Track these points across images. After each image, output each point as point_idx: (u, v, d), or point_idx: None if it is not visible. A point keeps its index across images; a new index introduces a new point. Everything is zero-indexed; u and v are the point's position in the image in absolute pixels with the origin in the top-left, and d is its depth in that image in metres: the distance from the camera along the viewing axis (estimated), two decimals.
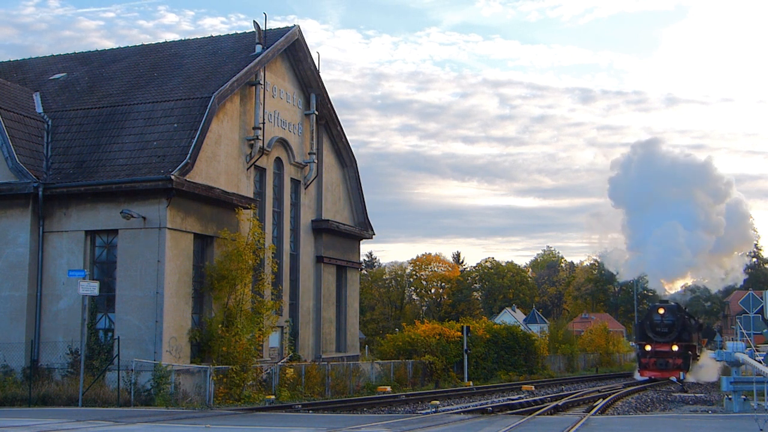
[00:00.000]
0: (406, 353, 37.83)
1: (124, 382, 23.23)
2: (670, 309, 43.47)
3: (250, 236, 27.79)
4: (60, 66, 35.00)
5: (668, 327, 42.57)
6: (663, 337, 42.39)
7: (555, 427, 17.34)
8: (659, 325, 42.78)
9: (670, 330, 42.52)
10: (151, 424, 17.61)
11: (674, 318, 42.87)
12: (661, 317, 43.01)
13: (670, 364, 41.50)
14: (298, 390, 27.69)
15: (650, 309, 45.02)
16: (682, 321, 43.27)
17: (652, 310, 44.21)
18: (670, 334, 42.42)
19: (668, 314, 43.03)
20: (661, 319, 42.91)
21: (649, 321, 43.34)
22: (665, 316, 42.89)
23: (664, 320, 42.76)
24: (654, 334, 42.68)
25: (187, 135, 26.41)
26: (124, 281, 25.30)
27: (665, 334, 42.49)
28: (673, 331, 42.44)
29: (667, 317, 42.84)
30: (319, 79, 35.21)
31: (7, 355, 25.42)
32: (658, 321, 42.97)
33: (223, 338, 25.88)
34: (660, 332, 42.68)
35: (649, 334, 42.74)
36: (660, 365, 41.74)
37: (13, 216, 26.44)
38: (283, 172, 33.38)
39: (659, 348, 42.04)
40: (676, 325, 42.54)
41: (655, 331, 42.79)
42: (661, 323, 42.77)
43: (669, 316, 42.95)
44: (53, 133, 28.80)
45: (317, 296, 35.16)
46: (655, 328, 42.87)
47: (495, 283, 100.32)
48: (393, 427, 17.07)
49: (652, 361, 41.95)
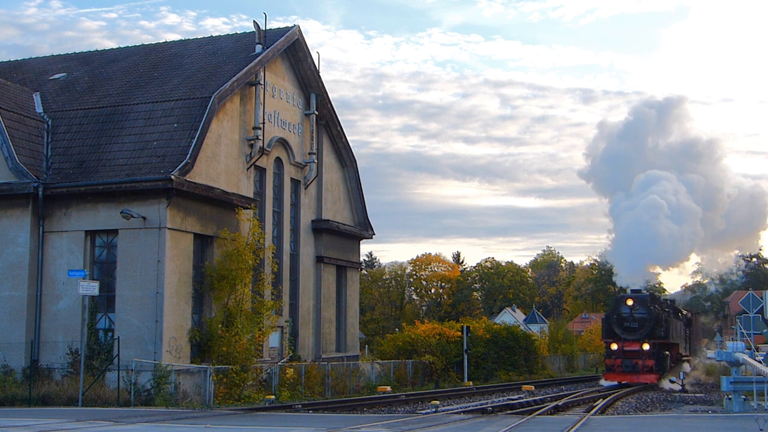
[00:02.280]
0: (406, 353, 37.83)
1: (124, 382, 23.23)
2: (642, 300, 36.38)
3: (250, 236, 27.80)
4: (60, 66, 34.99)
5: (639, 322, 35.72)
6: (632, 333, 35.64)
7: (555, 427, 17.34)
8: (627, 319, 35.94)
9: (641, 325, 35.71)
10: (151, 424, 17.62)
11: (646, 311, 35.94)
12: (630, 309, 36.09)
13: (639, 366, 34.96)
14: (298, 390, 27.68)
15: (618, 300, 37.97)
16: (657, 314, 36.39)
17: (620, 301, 37.16)
18: (640, 330, 35.70)
19: (639, 306, 36.00)
20: (630, 312, 36.05)
21: (616, 314, 36.50)
22: (635, 309, 35.95)
23: (633, 313, 35.91)
24: (622, 330, 35.91)
25: (187, 135, 26.41)
26: (124, 281, 25.30)
27: (635, 330, 35.71)
28: (645, 326, 35.67)
29: (638, 310, 35.91)
30: (319, 79, 35.21)
31: (7, 355, 25.42)
32: (626, 314, 36.11)
33: (223, 338, 25.89)
34: (628, 328, 35.84)
35: (617, 330, 36.07)
36: (627, 368, 35.11)
37: (13, 216, 26.44)
38: (283, 172, 33.38)
39: (627, 347, 35.46)
40: (648, 319, 35.71)
41: (623, 326, 35.96)
42: (630, 317, 35.94)
43: (640, 308, 35.94)
44: (53, 133, 28.79)
45: (317, 296, 35.16)
46: (623, 322, 36.01)
47: (495, 283, 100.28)
48: (393, 427, 17.07)
49: (617, 362, 35.46)
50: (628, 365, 35.06)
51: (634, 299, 36.18)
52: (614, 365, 35.46)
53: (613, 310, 37.12)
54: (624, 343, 35.54)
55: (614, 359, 35.57)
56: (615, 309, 36.93)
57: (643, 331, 35.59)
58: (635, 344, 35.36)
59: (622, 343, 35.53)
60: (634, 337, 35.47)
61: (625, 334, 35.68)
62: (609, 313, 37.66)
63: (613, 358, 35.65)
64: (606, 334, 37.11)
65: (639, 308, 35.96)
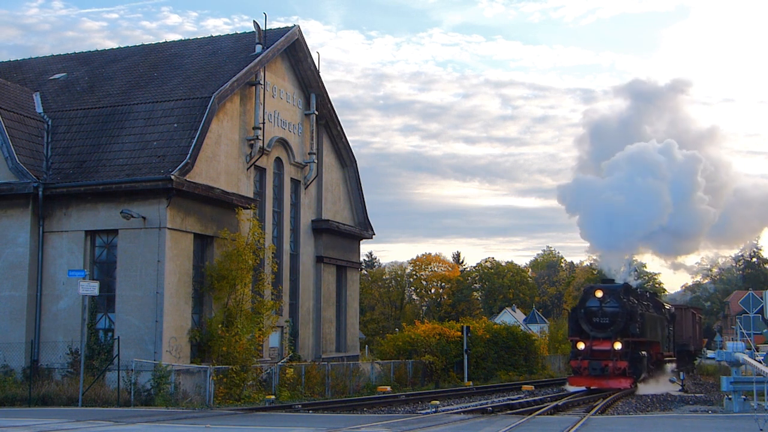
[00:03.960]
0: (406, 353, 37.82)
1: (124, 382, 23.24)
2: (613, 291, 31.48)
3: (250, 236, 27.80)
4: (60, 66, 34.99)
5: (610, 317, 30.80)
6: (602, 330, 30.73)
7: (555, 427, 17.34)
8: (597, 314, 30.95)
9: (612, 321, 30.73)
10: (151, 424, 17.62)
11: (618, 303, 30.96)
12: (599, 302, 31.04)
13: (608, 369, 30.00)
14: (298, 390, 27.68)
15: (586, 291, 32.95)
16: (631, 308, 31.41)
17: (588, 292, 32.18)
18: (611, 327, 30.67)
19: (610, 298, 31.07)
20: (599, 306, 31.02)
21: (583, 308, 31.46)
22: (606, 301, 30.99)
23: (603, 307, 30.94)
24: (590, 327, 30.96)
25: (187, 135, 26.42)
26: (124, 281, 25.30)
27: (605, 326, 30.73)
28: (617, 322, 30.67)
29: (609, 302, 30.99)
30: (319, 79, 35.21)
31: (7, 355, 25.42)
32: (594, 308, 31.08)
33: (223, 338, 25.89)
34: (598, 324, 30.88)
35: (584, 326, 31.15)
36: (594, 371, 30.09)
37: (13, 216, 26.44)
38: (283, 172, 33.38)
39: (597, 346, 30.63)
40: (621, 313, 30.80)
41: (592, 322, 30.99)
42: (600, 311, 30.95)
43: (611, 300, 31.00)
44: (53, 133, 28.80)
45: (317, 296, 35.16)
46: (592, 317, 31.03)
47: (495, 283, 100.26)
48: (393, 427, 17.08)
49: (584, 364, 30.49)
50: (596, 368, 29.98)
51: (605, 290, 31.20)
52: (581, 368, 30.60)
53: (580, 303, 32.20)
54: (593, 342, 30.70)
55: (581, 360, 30.67)
56: (582, 302, 31.97)
57: (615, 328, 30.61)
58: (605, 343, 30.50)
59: (591, 342, 30.74)
60: (604, 334, 30.57)
61: (593, 331, 30.76)
62: (576, 307, 32.59)
63: (580, 359, 30.76)
64: (572, 331, 32.17)
65: (610, 301, 30.92)
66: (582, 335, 31.15)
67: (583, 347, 30.83)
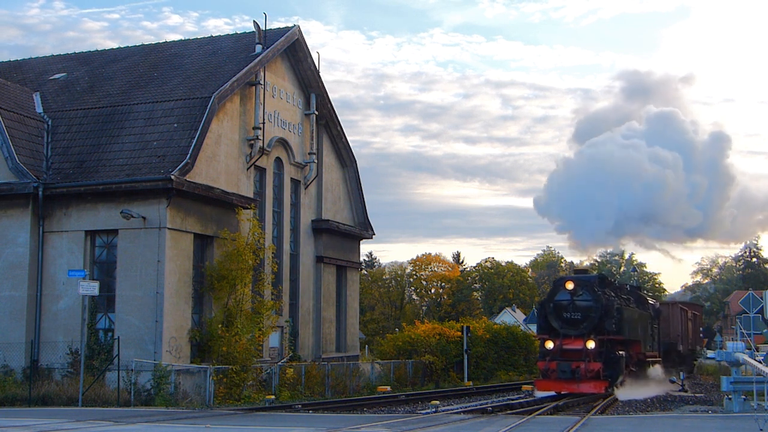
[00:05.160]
0: (406, 353, 37.81)
1: (124, 382, 23.24)
2: (586, 283, 27.61)
3: (250, 236, 27.80)
4: (60, 66, 34.99)
5: (582, 312, 26.95)
6: (573, 327, 26.94)
7: (555, 427, 17.33)
8: (567, 308, 27.14)
9: (584, 316, 26.87)
10: (151, 424, 17.62)
11: (592, 297, 27.06)
12: (570, 295, 27.21)
13: (579, 371, 26.08)
14: (298, 390, 27.69)
15: (555, 283, 29.32)
16: (607, 302, 27.37)
17: (558, 284, 28.39)
18: (584, 323, 26.84)
19: (582, 290, 27.19)
20: (570, 299, 27.19)
21: (552, 303, 27.60)
22: (578, 294, 27.14)
23: (575, 300, 27.13)
24: (560, 323, 27.19)
25: (187, 135, 26.42)
26: (124, 281, 25.30)
27: (576, 322, 26.92)
28: (590, 317, 26.84)
29: (581, 295, 27.15)
30: (319, 79, 35.21)
31: (7, 355, 25.43)
32: (565, 302, 27.27)
33: (223, 338, 25.88)
34: (569, 320, 27.06)
35: (553, 322, 27.37)
36: (563, 373, 26.26)
37: (13, 216, 26.45)
38: (283, 172, 33.38)
39: (567, 345, 26.90)
40: (594, 308, 26.91)
41: (562, 317, 27.20)
42: (570, 305, 27.12)
43: (584, 293, 27.15)
44: (53, 133, 28.80)
45: (317, 296, 35.16)
46: (562, 312, 27.22)
47: (495, 283, 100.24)
48: (393, 427, 17.08)
49: (552, 366, 26.59)
50: (565, 370, 26.21)
51: (577, 282, 27.47)
52: (548, 370, 26.74)
53: (549, 296, 28.32)
54: (563, 340, 26.99)
55: (549, 361, 26.81)
56: (551, 295, 28.16)
57: (588, 324, 26.82)
58: (577, 341, 26.78)
59: (560, 340, 27.02)
60: (576, 332, 26.84)
61: (564, 328, 27.04)
62: (544, 301, 28.56)
63: (548, 359, 26.89)
64: (540, 328, 28.56)
65: (582, 293, 27.15)
66: (551, 333, 27.44)
67: (551, 346, 27.09)
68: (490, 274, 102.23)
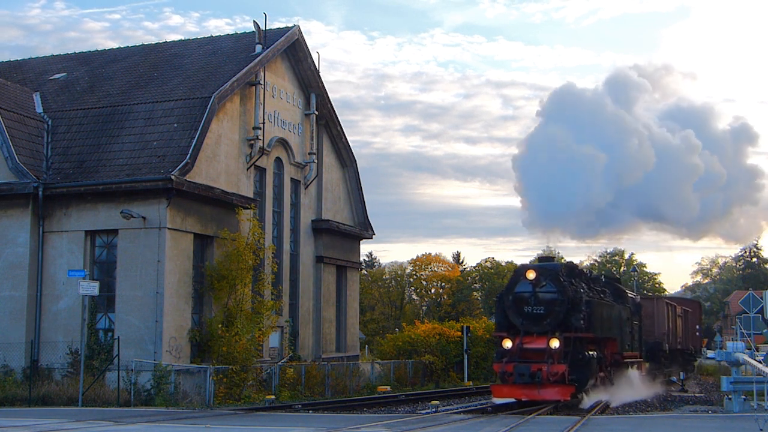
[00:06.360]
0: (406, 353, 37.83)
1: (124, 382, 23.24)
2: (550, 272, 23.21)
3: (250, 236, 27.80)
4: (60, 66, 34.98)
5: (545, 305, 22.75)
6: (535, 323, 22.72)
7: (555, 427, 17.33)
8: (528, 301, 22.88)
9: (548, 310, 22.68)
10: (151, 424, 17.62)
11: (557, 288, 22.82)
12: (532, 287, 22.96)
13: (541, 374, 21.79)
14: (298, 390, 27.69)
15: (516, 273, 24.20)
16: (574, 294, 23.08)
17: (518, 274, 23.75)
18: (547, 318, 22.63)
19: (546, 281, 22.96)
20: (532, 291, 22.92)
21: (512, 295, 23.27)
22: (540, 285, 22.92)
23: (537, 292, 22.85)
24: (520, 319, 22.91)
25: (187, 135, 26.42)
26: (124, 281, 25.30)
27: (539, 317, 22.70)
28: (554, 312, 22.59)
29: (544, 286, 22.92)
30: (319, 79, 35.20)
31: (7, 355, 25.43)
32: (526, 294, 23.00)
33: (223, 338, 25.88)
34: (530, 315, 22.83)
35: (513, 318, 23.11)
36: (522, 377, 21.94)
37: (13, 216, 26.44)
38: (283, 172, 33.37)
39: (527, 343, 22.63)
40: (560, 301, 22.66)
41: (522, 312, 22.92)
42: (532, 297, 22.86)
43: (547, 284, 22.93)
44: (53, 133, 28.79)
45: (317, 296, 35.15)
46: (522, 306, 22.95)
47: (495, 283, 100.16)
48: (393, 427, 17.07)
49: (509, 368, 22.25)
50: (523, 373, 21.91)
51: (539, 271, 23.18)
52: (506, 373, 22.37)
53: (508, 288, 23.87)
54: (523, 339, 22.69)
55: (506, 363, 22.46)
56: (510, 286, 23.74)
57: (552, 320, 22.62)
58: (540, 339, 22.54)
59: (521, 338, 22.73)
60: (539, 328, 22.69)
61: (525, 325, 22.81)
62: (503, 293, 24.13)
63: (505, 361, 22.53)
64: (499, 325, 24.21)
65: (546, 284, 22.95)
66: (510, 330, 23.24)
67: (509, 346, 22.84)
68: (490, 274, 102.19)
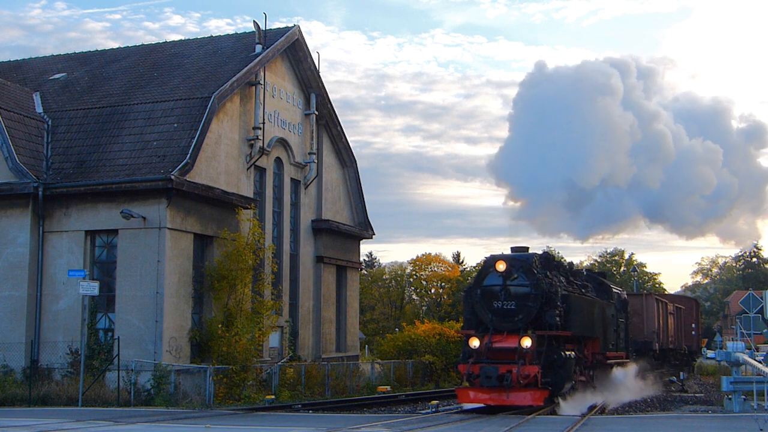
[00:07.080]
0: (406, 353, 37.82)
1: (124, 382, 23.24)
2: (523, 263, 20.84)
3: (250, 236, 27.80)
4: (60, 66, 34.99)
5: (517, 300, 20.53)
6: (505, 320, 20.51)
7: (555, 427, 17.33)
8: (498, 296, 20.64)
9: (520, 306, 20.47)
10: (151, 424, 17.63)
11: (530, 281, 20.55)
12: (502, 279, 20.69)
13: (510, 377, 19.52)
14: (298, 390, 27.69)
15: (485, 265, 21.62)
16: (549, 288, 20.82)
17: (488, 265, 21.22)
18: (519, 314, 20.43)
19: (518, 273, 20.67)
20: (502, 284, 20.67)
21: (480, 288, 20.98)
22: (512, 277, 20.66)
23: (508, 285, 20.62)
24: (490, 315, 20.69)
25: (187, 135, 26.42)
26: (124, 281, 25.30)
27: (510, 314, 20.51)
28: (527, 307, 20.43)
29: (516, 279, 20.65)
30: (319, 79, 35.21)
31: (7, 355, 25.44)
32: (495, 287, 20.73)
33: (223, 338, 25.88)
34: (499, 310, 20.60)
35: (482, 314, 20.91)
36: (488, 380, 19.70)
37: (13, 216, 26.45)
38: (283, 172, 33.38)
39: (497, 342, 20.33)
40: (533, 295, 20.47)
41: (491, 307, 20.69)
42: (502, 291, 20.60)
43: (520, 276, 20.65)
44: (53, 133, 28.80)
45: (317, 296, 35.16)
46: (491, 301, 20.71)
47: None
48: (393, 427, 17.07)
49: (476, 369, 20.03)
50: (491, 375, 19.69)
51: (511, 262, 20.82)
52: (472, 375, 20.17)
53: (476, 281, 21.56)
54: (492, 337, 20.39)
55: (472, 364, 20.27)
56: (479, 279, 21.46)
57: (525, 316, 20.42)
58: (511, 338, 20.23)
59: (489, 337, 20.40)
60: (510, 325, 20.43)
61: (494, 321, 20.57)
62: (470, 287, 22.12)
63: (471, 362, 20.36)
64: (467, 321, 21.89)
65: (518, 277, 20.67)
66: (479, 328, 20.95)
67: (477, 345, 20.52)
68: None
